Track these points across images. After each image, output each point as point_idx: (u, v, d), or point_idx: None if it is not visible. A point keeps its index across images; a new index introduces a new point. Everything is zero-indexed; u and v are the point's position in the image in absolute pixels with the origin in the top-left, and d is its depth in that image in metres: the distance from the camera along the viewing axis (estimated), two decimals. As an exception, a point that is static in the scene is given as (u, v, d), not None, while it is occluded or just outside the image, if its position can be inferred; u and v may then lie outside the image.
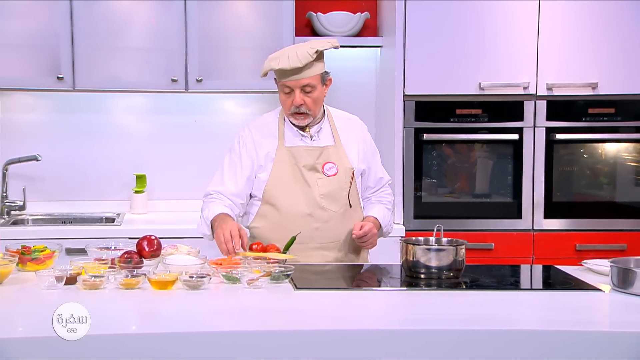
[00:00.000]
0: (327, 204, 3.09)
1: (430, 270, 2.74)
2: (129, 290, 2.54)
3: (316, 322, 2.34)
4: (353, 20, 4.42)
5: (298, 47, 3.05)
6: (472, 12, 4.07)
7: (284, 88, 3.05)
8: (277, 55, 3.03)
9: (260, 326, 2.28)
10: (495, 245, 4.10)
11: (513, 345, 2.20)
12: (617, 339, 2.21)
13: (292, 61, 2.98)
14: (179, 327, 2.22)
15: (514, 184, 4.15)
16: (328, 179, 3.10)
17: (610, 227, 4.15)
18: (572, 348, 2.19)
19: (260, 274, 2.63)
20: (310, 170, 3.10)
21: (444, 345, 2.19)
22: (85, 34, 4.15)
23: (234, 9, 4.25)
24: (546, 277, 3.01)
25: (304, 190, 3.09)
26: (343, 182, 3.12)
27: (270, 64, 3.02)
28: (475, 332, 2.23)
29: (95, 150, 4.54)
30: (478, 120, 4.13)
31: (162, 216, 4.41)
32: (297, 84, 3.02)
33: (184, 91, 4.25)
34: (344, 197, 3.13)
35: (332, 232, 3.10)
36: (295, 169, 3.10)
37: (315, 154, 3.11)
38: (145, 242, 2.79)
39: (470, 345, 2.20)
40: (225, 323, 2.32)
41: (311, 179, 3.09)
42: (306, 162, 3.10)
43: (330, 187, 3.10)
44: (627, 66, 4.10)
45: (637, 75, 4.10)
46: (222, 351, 2.14)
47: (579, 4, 4.09)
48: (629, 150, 4.20)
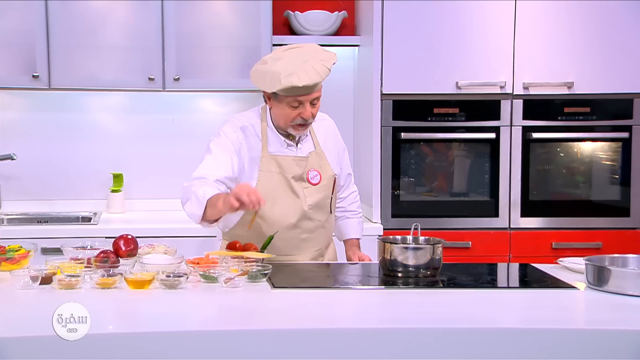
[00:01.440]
0: (313, 214, 3.08)
1: (408, 269, 2.75)
2: (105, 290, 2.52)
3: (294, 321, 2.34)
4: (331, 19, 4.43)
5: (313, 58, 2.92)
6: (450, 11, 4.09)
7: (292, 102, 2.93)
8: (290, 70, 2.87)
9: (237, 325, 2.27)
10: (473, 244, 4.12)
11: (490, 343, 2.21)
12: (592, 337, 2.22)
13: (313, 77, 2.88)
14: (156, 327, 2.21)
15: (491, 182, 4.17)
16: (314, 187, 3.08)
17: (586, 226, 4.18)
18: (548, 346, 2.21)
19: (237, 273, 2.63)
20: (297, 181, 3.06)
21: (422, 343, 2.20)
22: (62, 32, 4.12)
23: (211, 7, 4.23)
24: (523, 275, 3.03)
25: (293, 202, 3.05)
26: (327, 189, 3.11)
27: (291, 80, 2.85)
28: (452, 330, 2.24)
29: (71, 149, 4.51)
30: (455, 119, 4.15)
31: (140, 215, 4.39)
32: (309, 98, 2.94)
33: (162, 90, 4.23)
34: (327, 205, 3.13)
35: (317, 240, 3.11)
36: (282, 179, 3.04)
37: (303, 164, 3.07)
38: (121, 241, 2.78)
39: (447, 343, 2.21)
40: (202, 322, 2.32)
41: (299, 189, 3.06)
42: (295, 172, 3.05)
43: (317, 197, 3.08)
44: (602, 66, 4.13)
45: (612, 74, 4.13)
46: (199, 350, 2.14)
47: (554, 4, 4.12)
48: (604, 149, 4.23)
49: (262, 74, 2.94)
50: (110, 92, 4.38)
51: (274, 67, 2.90)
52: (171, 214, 4.41)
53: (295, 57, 2.94)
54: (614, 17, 4.12)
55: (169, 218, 4.30)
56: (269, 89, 2.93)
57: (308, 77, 2.87)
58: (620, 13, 4.11)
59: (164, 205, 4.47)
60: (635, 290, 2.50)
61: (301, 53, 2.96)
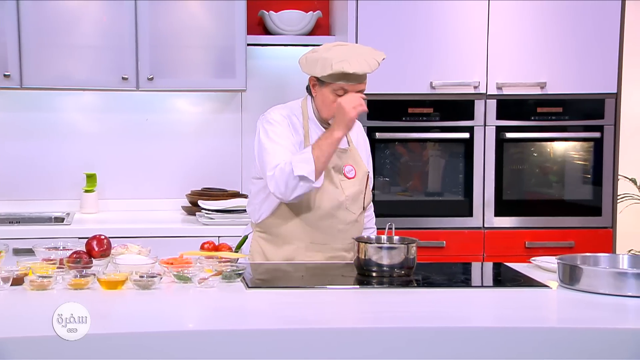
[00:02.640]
0: (350, 205, 3.10)
1: (382, 269, 2.76)
2: (78, 291, 2.50)
3: (268, 321, 2.34)
4: (305, 19, 4.42)
5: (363, 52, 3.01)
6: (424, 11, 4.10)
7: (338, 89, 2.99)
8: (343, 57, 2.95)
9: (211, 326, 2.27)
10: (447, 243, 4.14)
11: (464, 342, 2.22)
12: (564, 335, 2.24)
13: (364, 66, 2.95)
14: (129, 328, 2.20)
15: (465, 182, 4.19)
16: (350, 181, 3.11)
17: (559, 225, 4.21)
18: (521, 344, 2.22)
19: (211, 273, 2.62)
20: (336, 172, 3.09)
21: (396, 343, 2.20)
22: (33, 31, 4.08)
23: (185, 7, 4.22)
24: (496, 274, 3.05)
25: (333, 191, 3.07)
26: (361, 184, 3.14)
27: (342, 65, 2.92)
28: (426, 329, 2.25)
29: (44, 149, 4.47)
30: (430, 119, 4.16)
31: (113, 215, 4.37)
32: (355, 88, 2.99)
33: (135, 89, 4.21)
34: (361, 200, 3.14)
35: (351, 233, 3.09)
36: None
37: (344, 156, 3.11)
38: (94, 241, 2.75)
39: (422, 342, 2.21)
40: (176, 323, 2.30)
41: (337, 180, 3.09)
42: (335, 163, 3.07)
43: (353, 189, 3.11)
44: (574, 66, 4.16)
45: (584, 74, 4.17)
46: (174, 351, 2.13)
47: (528, 5, 4.14)
48: (577, 149, 4.27)
49: (313, 60, 3.02)
50: (84, 91, 4.35)
51: (326, 54, 2.99)
52: (145, 214, 4.40)
53: (347, 49, 3.03)
54: (586, 18, 4.15)
55: (143, 218, 4.29)
56: (319, 73, 2.99)
57: (359, 65, 2.94)
58: (593, 14, 4.15)
59: (138, 205, 4.45)
60: (606, 288, 2.52)
61: (353, 47, 3.08)
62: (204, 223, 4.07)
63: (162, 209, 4.48)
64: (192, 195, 4.37)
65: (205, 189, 4.45)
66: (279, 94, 4.57)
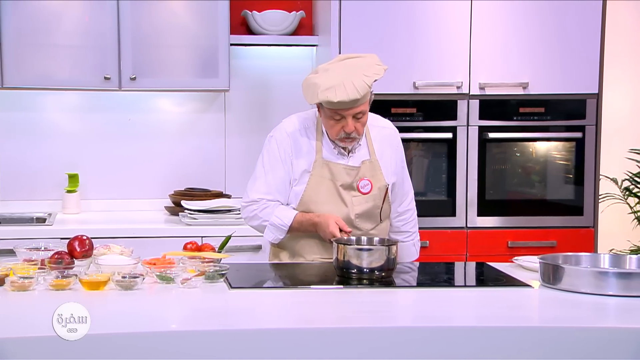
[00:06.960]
0: (360, 223, 3.06)
1: (362, 271, 2.74)
2: (59, 292, 2.49)
3: (250, 321, 2.34)
4: (288, 19, 4.42)
5: (357, 72, 2.89)
6: (406, 12, 4.11)
7: (334, 115, 2.92)
8: (329, 84, 2.87)
9: (193, 326, 2.26)
10: (430, 243, 4.15)
11: (447, 341, 2.23)
12: (546, 335, 2.25)
13: (350, 93, 2.84)
14: (111, 328, 2.19)
15: (448, 182, 4.20)
16: (363, 197, 3.05)
17: (541, 225, 4.23)
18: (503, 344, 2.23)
19: (194, 273, 2.61)
20: (346, 189, 3.04)
21: (379, 342, 2.21)
22: (14, 31, 4.06)
23: (168, 7, 4.20)
24: (479, 274, 3.06)
25: (340, 209, 3.02)
26: (377, 199, 3.08)
27: (327, 94, 2.85)
28: (409, 329, 2.26)
29: (25, 149, 4.44)
30: (413, 119, 4.17)
31: (95, 216, 4.34)
32: (351, 112, 2.91)
33: (117, 89, 4.19)
34: (376, 215, 3.09)
35: None
36: (332, 185, 3.03)
37: (353, 173, 3.05)
38: (76, 242, 2.74)
39: (405, 342, 2.22)
40: (159, 323, 2.30)
41: (347, 197, 3.04)
42: (344, 181, 3.04)
43: (366, 206, 3.05)
44: (556, 66, 4.18)
45: (566, 75, 4.19)
46: (157, 351, 2.12)
47: (510, 5, 4.16)
48: (559, 149, 4.29)
49: (306, 85, 2.98)
50: (65, 91, 4.32)
51: (317, 80, 2.92)
52: (128, 215, 4.38)
53: (343, 69, 2.92)
54: (568, 19, 4.17)
55: (125, 218, 4.27)
56: (310, 100, 2.95)
57: (345, 93, 2.85)
58: (574, 15, 4.17)
59: (120, 205, 4.44)
60: (587, 288, 2.54)
61: (351, 65, 2.94)
62: (187, 223, 4.06)
63: (145, 209, 4.47)
64: (175, 195, 4.36)
65: (188, 189, 4.44)
66: (262, 94, 4.59)
